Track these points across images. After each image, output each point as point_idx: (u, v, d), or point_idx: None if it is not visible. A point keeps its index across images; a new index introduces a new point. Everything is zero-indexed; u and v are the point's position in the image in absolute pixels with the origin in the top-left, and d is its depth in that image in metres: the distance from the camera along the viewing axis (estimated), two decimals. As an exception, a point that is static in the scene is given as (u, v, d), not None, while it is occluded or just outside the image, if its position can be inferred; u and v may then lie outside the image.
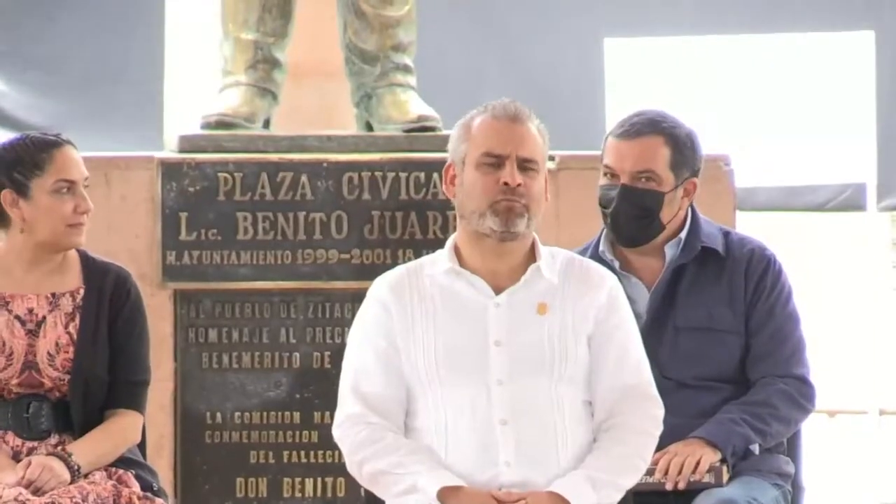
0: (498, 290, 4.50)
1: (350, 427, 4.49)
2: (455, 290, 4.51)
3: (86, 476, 4.74)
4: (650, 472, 4.76)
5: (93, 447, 4.80)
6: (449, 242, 4.59)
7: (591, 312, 4.51)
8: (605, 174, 5.05)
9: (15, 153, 4.88)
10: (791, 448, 5.09)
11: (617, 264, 5.05)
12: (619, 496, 4.46)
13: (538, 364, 4.47)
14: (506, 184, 4.42)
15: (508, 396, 4.45)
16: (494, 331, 4.48)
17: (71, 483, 4.70)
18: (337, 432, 4.51)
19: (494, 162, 4.44)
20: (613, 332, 4.53)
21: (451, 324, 4.50)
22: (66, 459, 4.72)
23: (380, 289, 4.57)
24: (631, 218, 4.99)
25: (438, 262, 4.57)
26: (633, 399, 4.49)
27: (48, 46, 11.46)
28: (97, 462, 4.79)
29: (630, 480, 4.47)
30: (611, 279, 4.60)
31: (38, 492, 4.63)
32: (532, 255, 4.54)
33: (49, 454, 4.74)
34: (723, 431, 4.85)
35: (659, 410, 4.52)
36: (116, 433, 4.88)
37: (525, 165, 4.45)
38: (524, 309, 4.49)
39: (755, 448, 4.93)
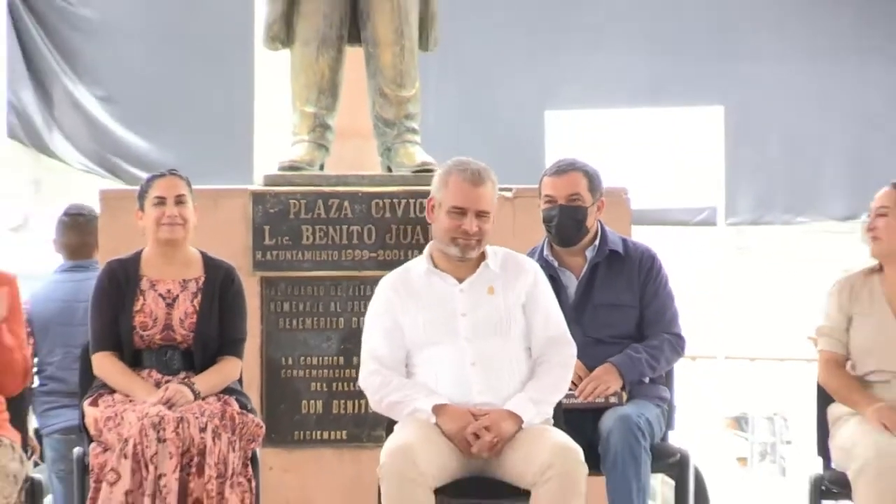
0: (461, 280, 4.56)
1: (369, 377, 4.55)
2: (432, 282, 4.57)
3: (204, 398, 4.76)
4: (576, 395, 4.80)
5: (208, 380, 4.84)
6: (427, 249, 4.64)
7: (524, 289, 4.59)
8: (547, 201, 5.04)
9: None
10: (667, 380, 5.13)
11: (556, 263, 5.06)
12: (551, 409, 4.53)
13: (492, 327, 4.53)
14: (466, 231, 4.49)
15: (474, 348, 4.51)
16: (460, 307, 4.54)
17: (194, 402, 4.74)
18: (362, 384, 4.58)
19: (459, 212, 4.49)
20: (539, 300, 4.59)
21: (431, 305, 4.55)
22: (191, 386, 4.77)
23: (384, 287, 4.64)
24: (569, 227, 5.01)
25: (420, 264, 4.61)
26: (555, 345, 4.57)
27: (176, 112, 11.44)
28: (211, 390, 4.81)
29: (557, 398, 4.55)
30: (534, 265, 4.68)
31: (171, 407, 4.66)
32: (483, 254, 4.60)
33: (180, 383, 4.78)
34: (630, 365, 4.88)
35: (572, 349, 4.60)
36: (224, 372, 4.90)
37: (480, 214, 4.49)
38: (480, 291, 4.56)
39: (645, 379, 4.96)
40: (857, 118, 11.78)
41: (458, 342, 4.51)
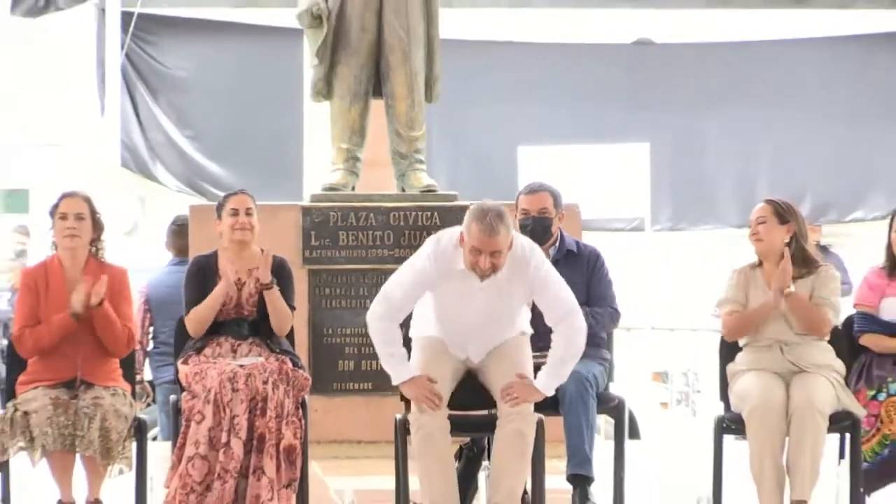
0: (482, 279, 4.31)
1: (378, 321, 4.35)
2: (464, 275, 4.31)
3: (266, 359, 4.70)
4: (543, 356, 4.65)
5: (283, 303, 4.77)
6: (462, 252, 4.32)
7: (526, 283, 4.35)
8: (523, 213, 5.01)
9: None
10: (608, 343, 5.09)
11: (526, 258, 5.05)
12: (567, 372, 4.38)
13: (494, 318, 4.40)
14: (481, 267, 4.25)
15: (477, 330, 4.41)
16: (475, 302, 4.36)
17: (267, 286, 4.69)
18: (370, 317, 4.32)
19: (477, 251, 4.24)
20: (544, 283, 4.37)
21: (456, 291, 4.36)
22: (272, 281, 4.71)
23: (432, 251, 4.31)
24: (539, 233, 4.95)
25: (459, 259, 4.29)
26: (562, 320, 4.36)
27: (246, 147, 11.51)
28: (276, 303, 4.72)
29: (570, 364, 4.37)
30: (534, 257, 4.35)
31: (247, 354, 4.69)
32: None
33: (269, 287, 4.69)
34: None
35: (576, 319, 4.32)
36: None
37: (494, 253, 4.24)
38: (492, 290, 4.33)
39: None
40: (746, 153, 12.02)
41: (466, 321, 4.39)
